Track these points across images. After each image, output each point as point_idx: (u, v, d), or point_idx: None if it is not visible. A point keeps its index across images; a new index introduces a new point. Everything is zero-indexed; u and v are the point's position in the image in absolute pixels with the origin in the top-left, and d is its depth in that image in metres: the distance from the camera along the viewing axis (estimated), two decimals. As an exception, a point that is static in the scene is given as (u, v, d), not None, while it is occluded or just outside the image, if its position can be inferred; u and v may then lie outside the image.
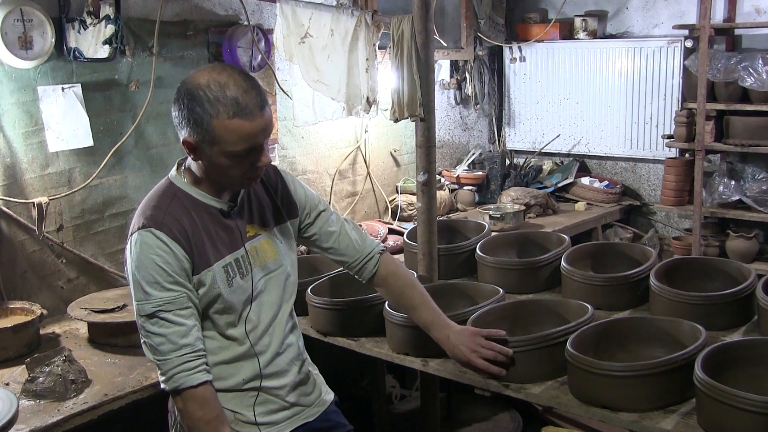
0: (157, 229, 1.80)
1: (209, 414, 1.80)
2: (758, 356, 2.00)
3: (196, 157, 1.83)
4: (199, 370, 1.80)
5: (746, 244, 4.48)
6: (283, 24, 3.46)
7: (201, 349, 1.82)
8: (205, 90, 1.74)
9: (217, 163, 1.80)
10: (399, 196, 4.52)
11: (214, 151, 1.78)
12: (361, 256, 2.20)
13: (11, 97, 2.82)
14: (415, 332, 2.36)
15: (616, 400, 1.96)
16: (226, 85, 1.74)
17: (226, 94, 1.73)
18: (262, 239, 1.97)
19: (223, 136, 1.75)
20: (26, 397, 2.26)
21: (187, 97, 1.76)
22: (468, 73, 5.18)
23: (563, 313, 2.36)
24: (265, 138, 1.82)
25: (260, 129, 1.78)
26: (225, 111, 1.73)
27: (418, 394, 3.50)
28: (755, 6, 4.60)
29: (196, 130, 1.76)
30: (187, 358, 1.79)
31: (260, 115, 1.77)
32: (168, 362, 1.79)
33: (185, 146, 1.82)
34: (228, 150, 1.77)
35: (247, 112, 1.74)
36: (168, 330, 1.79)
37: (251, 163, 1.82)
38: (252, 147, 1.79)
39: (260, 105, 1.78)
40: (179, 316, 1.80)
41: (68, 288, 3.07)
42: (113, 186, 3.19)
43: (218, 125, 1.74)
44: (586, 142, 5.30)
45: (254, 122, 1.76)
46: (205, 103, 1.73)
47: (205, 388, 1.81)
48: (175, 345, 1.79)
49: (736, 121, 4.43)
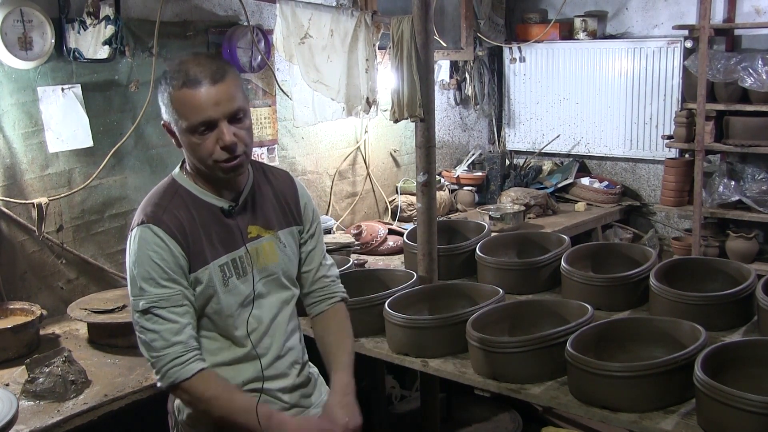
0: (156, 226, 1.81)
1: (215, 390, 1.81)
2: (758, 356, 2.01)
3: (177, 142, 1.86)
4: (191, 361, 1.80)
5: (746, 244, 4.48)
6: (282, 24, 3.46)
7: (194, 347, 1.82)
8: (169, 69, 1.82)
9: (186, 144, 1.83)
10: (399, 196, 4.52)
11: (179, 129, 1.81)
12: (323, 294, 2.13)
13: (11, 98, 2.82)
14: (415, 332, 2.36)
15: (616, 401, 1.96)
16: (186, 62, 1.80)
17: (181, 67, 1.79)
18: (264, 241, 1.96)
19: (178, 109, 1.78)
20: (26, 397, 2.26)
21: (160, 79, 1.84)
22: (468, 74, 5.18)
23: (563, 314, 2.36)
24: (221, 113, 1.78)
25: (210, 101, 1.76)
26: (177, 83, 1.78)
27: (418, 395, 3.50)
28: (755, 6, 4.60)
29: (164, 109, 1.83)
30: (179, 353, 1.79)
31: (209, 86, 1.76)
32: (160, 359, 1.80)
33: (165, 129, 1.87)
34: (185, 125, 1.78)
35: (195, 82, 1.76)
36: (161, 327, 1.79)
37: (216, 143, 1.80)
38: (206, 121, 1.77)
39: (212, 77, 1.77)
40: (173, 313, 1.80)
41: (68, 289, 3.07)
42: (113, 186, 3.18)
43: (174, 97, 1.78)
44: (585, 142, 5.29)
45: (200, 91, 1.76)
46: (167, 78, 1.80)
47: (201, 375, 1.81)
48: (167, 342, 1.79)
49: (736, 122, 4.43)
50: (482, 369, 2.23)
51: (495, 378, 2.19)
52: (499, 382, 2.18)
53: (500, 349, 2.17)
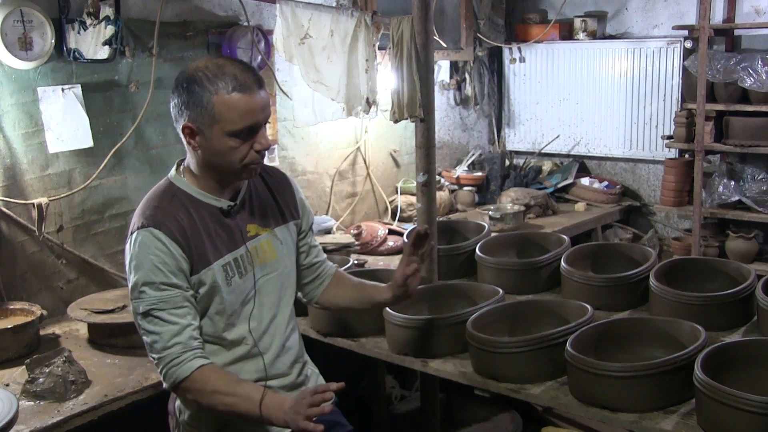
0: (156, 229, 1.81)
1: (215, 384, 1.80)
2: (758, 356, 2.01)
3: (196, 145, 1.83)
4: (189, 359, 1.80)
5: (746, 244, 4.48)
6: (282, 25, 3.47)
7: (194, 346, 1.82)
8: (203, 71, 1.78)
9: (218, 147, 1.81)
10: (399, 196, 4.52)
11: (214, 132, 1.79)
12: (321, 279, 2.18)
13: (11, 98, 2.82)
14: (415, 332, 2.36)
15: (616, 401, 1.96)
16: (224, 65, 1.79)
17: (225, 71, 1.78)
18: (263, 239, 1.97)
19: (223, 113, 1.77)
20: (26, 397, 2.26)
21: (186, 82, 1.80)
22: (468, 74, 5.18)
23: (563, 314, 2.36)
24: (264, 119, 1.83)
25: (259, 106, 1.80)
26: (224, 86, 1.76)
27: (418, 395, 3.50)
28: (755, 6, 4.60)
29: (196, 111, 1.78)
30: (177, 353, 1.80)
31: (258, 92, 1.80)
32: (162, 360, 1.81)
33: (185, 133, 1.83)
34: (228, 128, 1.78)
35: (246, 87, 1.77)
36: (162, 329, 1.80)
37: (250, 147, 1.82)
38: (252, 125, 1.80)
39: (258, 83, 1.81)
40: (173, 315, 1.81)
41: (68, 289, 3.07)
42: (113, 187, 3.18)
43: (218, 101, 1.76)
44: (585, 142, 5.29)
45: (253, 97, 1.78)
46: (204, 81, 1.77)
47: (201, 371, 1.80)
48: (167, 343, 1.80)
49: (736, 122, 4.43)
50: (482, 369, 2.23)
51: (495, 378, 2.19)
52: (499, 382, 2.18)
53: (500, 349, 2.17)
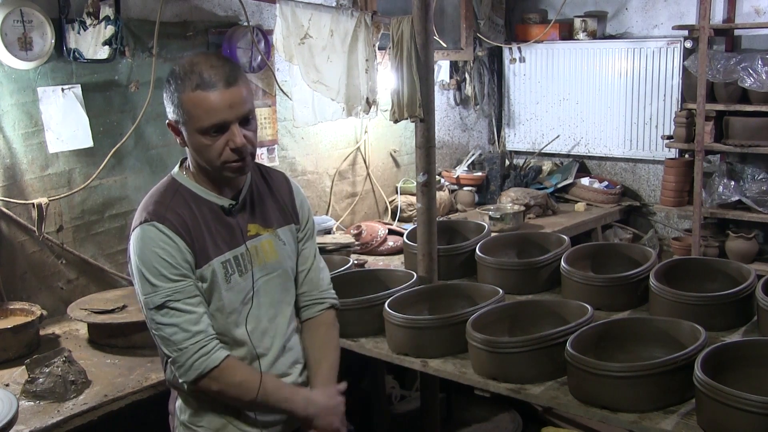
0: (160, 223, 1.81)
1: (243, 374, 1.84)
2: (758, 356, 2.01)
3: (182, 141, 1.86)
4: (216, 349, 1.82)
5: (746, 244, 4.48)
6: (282, 25, 3.47)
7: (214, 336, 1.84)
8: (179, 68, 1.81)
9: (195, 145, 1.83)
10: (399, 196, 4.52)
11: (188, 130, 1.81)
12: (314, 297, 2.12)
13: (11, 98, 2.82)
14: (415, 332, 2.36)
15: (616, 401, 1.96)
16: (197, 63, 1.80)
17: (194, 69, 1.79)
18: (263, 239, 1.97)
19: (190, 111, 1.79)
20: (26, 397, 2.27)
21: (167, 79, 1.83)
22: (467, 74, 5.18)
23: (563, 314, 2.36)
24: (234, 116, 1.80)
25: (225, 104, 1.78)
26: (189, 85, 1.78)
27: (418, 395, 3.50)
28: (755, 7, 4.60)
29: (172, 108, 1.83)
30: (203, 343, 1.80)
31: (224, 89, 1.78)
32: (184, 352, 1.79)
33: (169, 128, 1.87)
34: (197, 126, 1.79)
35: (210, 85, 1.77)
36: (179, 319, 1.79)
37: (226, 144, 1.81)
38: (219, 123, 1.79)
39: (225, 80, 1.79)
40: (188, 304, 1.81)
41: (68, 289, 3.07)
42: (113, 187, 3.19)
43: (185, 99, 1.78)
44: (585, 142, 5.29)
45: (214, 94, 1.77)
46: (177, 79, 1.80)
47: (228, 361, 1.83)
48: (189, 333, 1.79)
49: (736, 122, 4.43)
50: (482, 369, 2.23)
51: (495, 378, 2.19)
52: (499, 382, 2.18)
53: (500, 349, 2.17)
